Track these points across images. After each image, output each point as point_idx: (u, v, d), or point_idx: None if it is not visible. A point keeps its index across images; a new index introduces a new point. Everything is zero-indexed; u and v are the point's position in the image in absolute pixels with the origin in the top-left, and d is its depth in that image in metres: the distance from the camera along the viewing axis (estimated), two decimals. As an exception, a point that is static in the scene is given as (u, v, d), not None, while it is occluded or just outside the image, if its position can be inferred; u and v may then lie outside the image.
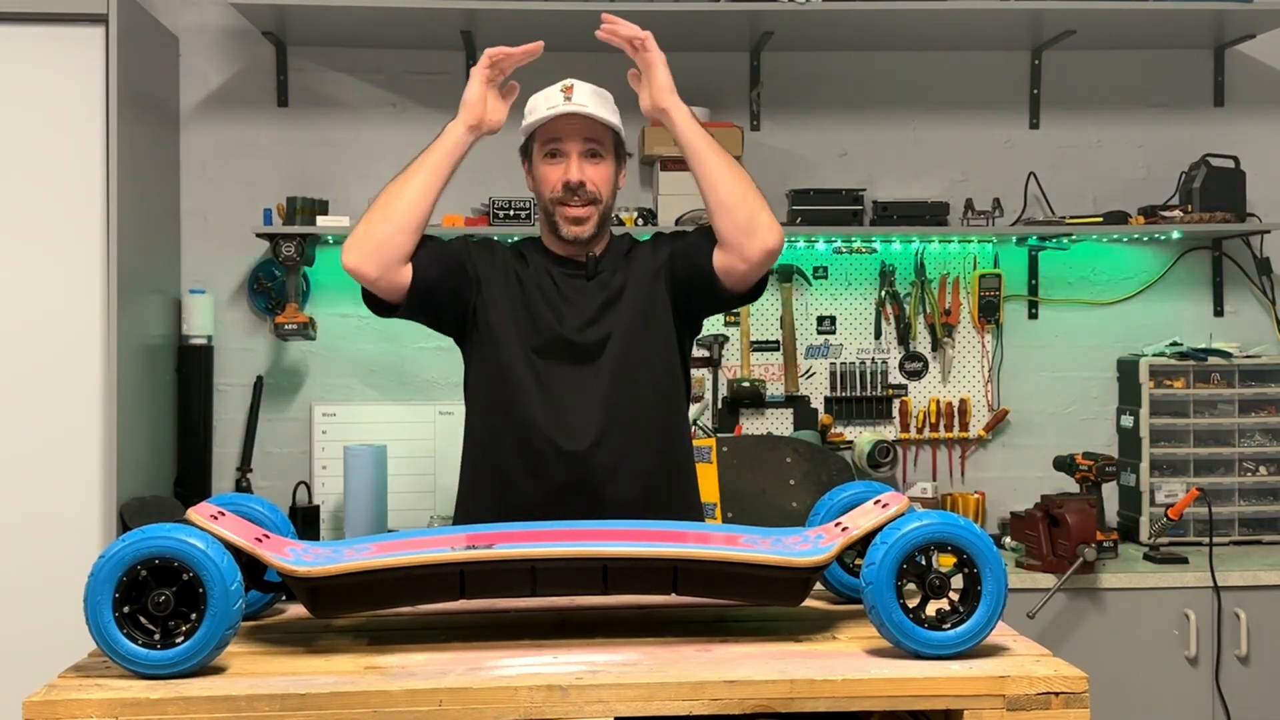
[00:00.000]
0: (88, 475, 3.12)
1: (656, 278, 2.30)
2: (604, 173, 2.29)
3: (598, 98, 2.28)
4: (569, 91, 2.26)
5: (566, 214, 2.26)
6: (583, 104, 2.24)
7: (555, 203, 2.27)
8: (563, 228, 2.27)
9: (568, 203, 2.26)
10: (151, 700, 1.37)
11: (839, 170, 3.85)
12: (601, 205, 2.28)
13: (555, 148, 2.27)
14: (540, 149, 2.30)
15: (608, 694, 1.40)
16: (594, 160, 2.28)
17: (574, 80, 2.28)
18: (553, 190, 2.27)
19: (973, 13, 3.53)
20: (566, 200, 2.26)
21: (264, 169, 3.74)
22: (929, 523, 1.51)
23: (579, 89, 2.27)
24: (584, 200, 2.26)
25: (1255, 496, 3.69)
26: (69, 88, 3.15)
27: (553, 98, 2.27)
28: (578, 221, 2.26)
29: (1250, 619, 3.22)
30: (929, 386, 3.85)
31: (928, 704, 1.44)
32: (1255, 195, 3.77)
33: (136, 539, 1.45)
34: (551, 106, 2.25)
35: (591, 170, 2.27)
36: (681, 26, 3.55)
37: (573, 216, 2.26)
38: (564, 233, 2.27)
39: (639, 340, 2.26)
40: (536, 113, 2.28)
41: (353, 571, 1.56)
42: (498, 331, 2.25)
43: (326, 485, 3.69)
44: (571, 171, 2.25)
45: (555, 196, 2.27)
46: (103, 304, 3.14)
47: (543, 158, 2.29)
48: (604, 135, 2.29)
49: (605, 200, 2.29)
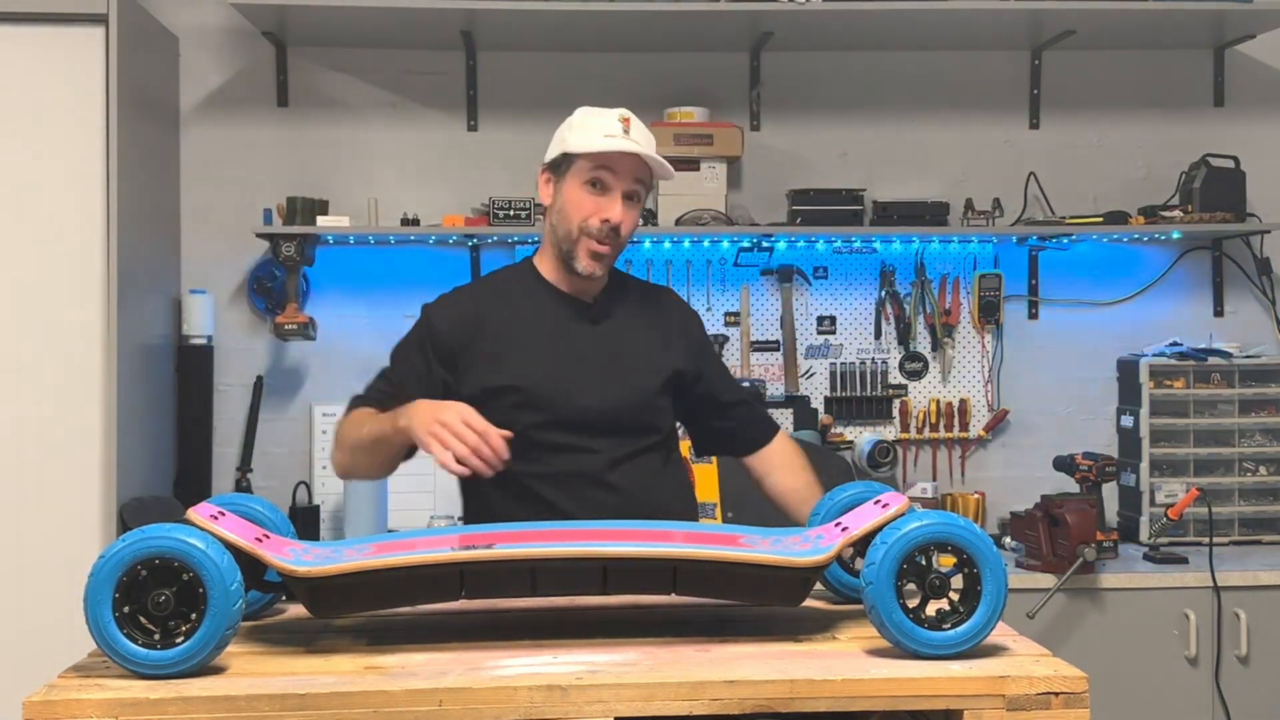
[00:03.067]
0: (88, 475, 3.12)
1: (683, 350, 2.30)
2: (635, 220, 2.22)
3: (649, 139, 2.20)
4: (626, 124, 2.16)
5: (592, 249, 2.17)
6: (638, 143, 2.15)
7: (584, 233, 2.17)
8: (581, 262, 2.18)
9: (598, 239, 2.17)
10: (151, 700, 1.37)
11: (839, 170, 3.85)
12: (619, 249, 2.22)
13: (602, 178, 2.16)
14: (581, 172, 2.17)
15: (608, 694, 1.40)
16: (631, 204, 2.19)
17: (630, 113, 2.19)
18: (586, 220, 2.16)
19: (973, 13, 3.53)
20: (597, 237, 2.17)
21: (264, 169, 3.74)
22: (929, 523, 1.51)
23: (636, 125, 2.18)
24: (614, 243, 2.19)
25: (1255, 496, 3.69)
26: (69, 88, 3.15)
27: (609, 125, 2.16)
28: (599, 258, 2.18)
29: (1250, 619, 3.22)
30: (929, 386, 3.85)
31: (928, 704, 1.44)
32: (1255, 195, 3.77)
33: (136, 539, 1.45)
34: (609, 135, 2.14)
35: (628, 213, 2.19)
36: (681, 26, 3.56)
37: (597, 254, 2.18)
38: (581, 267, 2.19)
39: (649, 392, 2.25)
40: (587, 135, 2.16)
41: (353, 571, 1.56)
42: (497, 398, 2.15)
43: (326, 485, 3.69)
44: (615, 212, 2.16)
45: (586, 228, 2.17)
46: (103, 304, 3.14)
47: (584, 183, 2.17)
48: (648, 178, 2.22)
49: (624, 246, 2.24)
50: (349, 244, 3.74)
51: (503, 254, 3.76)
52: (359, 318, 3.73)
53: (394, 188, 3.74)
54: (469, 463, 1.92)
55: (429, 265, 3.75)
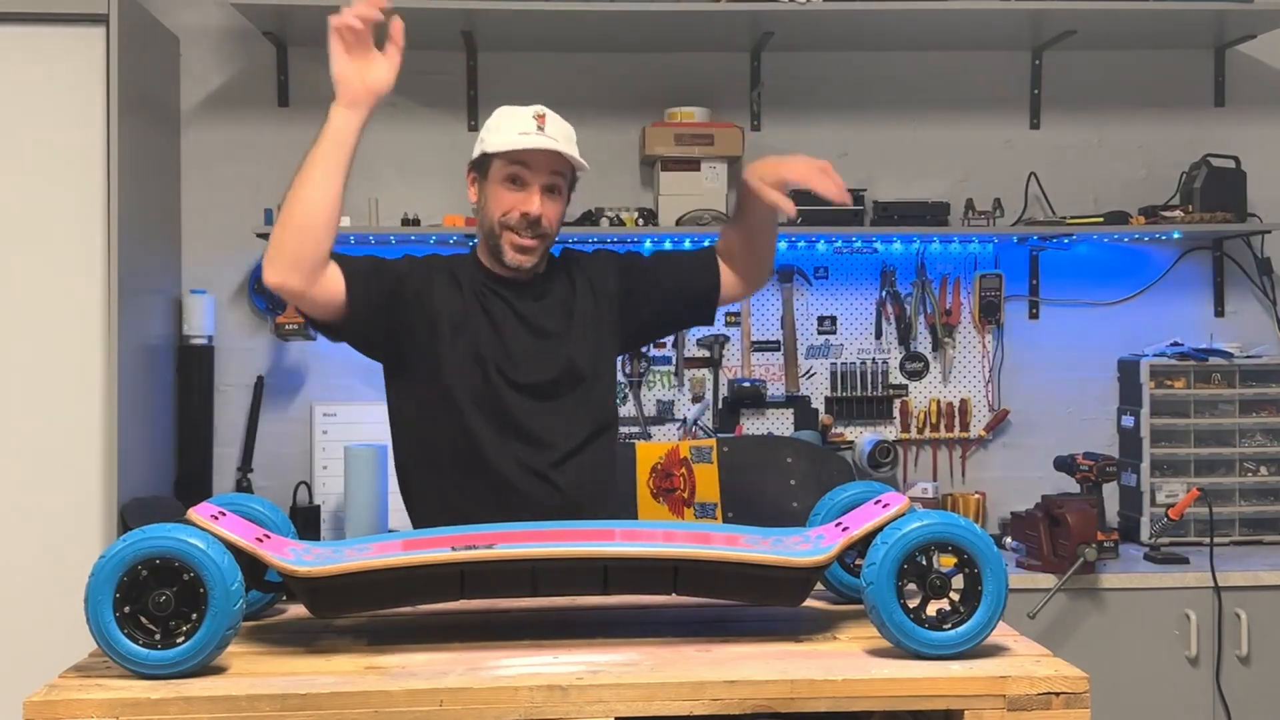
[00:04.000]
0: (88, 475, 3.12)
1: (610, 300, 2.35)
2: (558, 210, 2.29)
3: (566, 134, 2.28)
4: (541, 120, 2.24)
5: (515, 242, 2.25)
6: (554, 139, 2.23)
7: (504, 227, 2.25)
8: (507, 254, 2.26)
9: (519, 232, 2.24)
10: (152, 700, 1.37)
11: (840, 170, 3.79)
12: (548, 240, 2.29)
13: (518, 174, 2.24)
14: (500, 171, 2.26)
15: (608, 694, 1.40)
16: (552, 196, 2.27)
17: (546, 109, 2.27)
18: (505, 215, 2.25)
19: (973, 13, 3.53)
20: (518, 230, 2.24)
21: (264, 169, 3.73)
22: (930, 523, 1.51)
23: (551, 121, 2.25)
24: (536, 234, 2.25)
25: (1256, 496, 3.68)
26: (69, 88, 3.15)
27: (523, 123, 2.24)
28: (525, 251, 2.25)
29: (1251, 619, 3.22)
30: (929, 387, 3.85)
31: (928, 704, 1.44)
32: (1256, 195, 3.77)
33: (137, 539, 1.45)
34: (524, 133, 2.23)
35: (549, 206, 2.26)
36: (682, 26, 3.56)
37: (521, 246, 2.25)
38: (508, 260, 2.26)
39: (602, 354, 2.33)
40: (503, 134, 2.24)
41: (353, 571, 1.56)
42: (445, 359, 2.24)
43: (327, 485, 3.69)
44: (534, 205, 2.23)
45: (506, 222, 2.25)
46: (103, 304, 3.14)
47: (501, 180, 2.26)
48: (566, 170, 2.29)
49: (552, 236, 2.29)
50: (349, 244, 3.74)
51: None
52: (359, 318, 3.73)
53: (394, 188, 3.74)
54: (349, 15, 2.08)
55: (429, 265, 3.75)
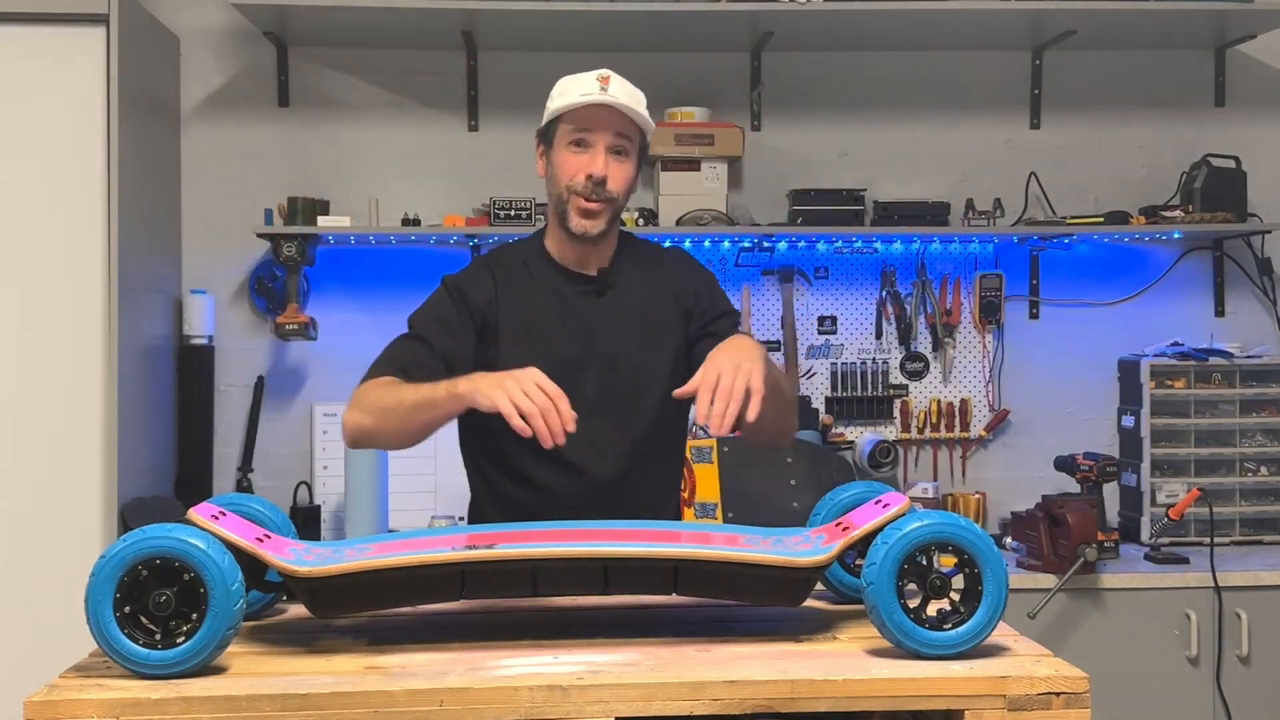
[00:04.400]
0: (88, 475, 3.12)
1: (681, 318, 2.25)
2: (626, 172, 2.19)
3: (632, 95, 2.18)
4: (605, 82, 2.14)
5: (580, 206, 2.16)
6: (617, 97, 2.14)
7: (571, 192, 2.16)
8: (573, 220, 2.17)
9: (585, 195, 2.15)
10: (152, 700, 1.37)
11: (840, 170, 3.85)
12: (616, 205, 2.19)
13: (583, 137, 2.16)
14: (565, 135, 2.17)
15: (608, 694, 1.40)
16: (619, 158, 2.17)
17: (610, 71, 2.17)
18: (571, 179, 2.16)
19: (973, 13, 3.53)
20: (584, 193, 2.15)
21: (265, 169, 3.74)
22: (930, 523, 1.51)
23: (615, 81, 2.16)
24: (601, 197, 2.16)
25: (1256, 497, 3.68)
26: (69, 88, 3.15)
27: (587, 85, 2.15)
28: (590, 216, 2.16)
29: (1251, 619, 3.22)
30: (930, 387, 3.85)
31: (928, 704, 1.44)
32: (1256, 195, 3.77)
33: (137, 539, 1.44)
34: (585, 94, 2.13)
35: (615, 168, 2.16)
36: (682, 26, 3.56)
37: (586, 210, 2.16)
38: (573, 226, 2.17)
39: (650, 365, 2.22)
40: (567, 96, 2.15)
41: (353, 571, 1.56)
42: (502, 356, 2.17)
43: (327, 485, 3.69)
44: (597, 165, 2.14)
45: (573, 186, 2.16)
46: (103, 304, 3.14)
47: (566, 145, 2.17)
48: (633, 133, 2.19)
49: (620, 201, 2.20)
50: (350, 244, 3.74)
51: (503, 254, 3.76)
52: (360, 318, 3.73)
53: (394, 188, 3.74)
54: (533, 422, 1.84)
55: (429, 265, 3.75)
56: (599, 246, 2.23)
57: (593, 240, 2.19)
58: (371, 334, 3.70)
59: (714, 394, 1.85)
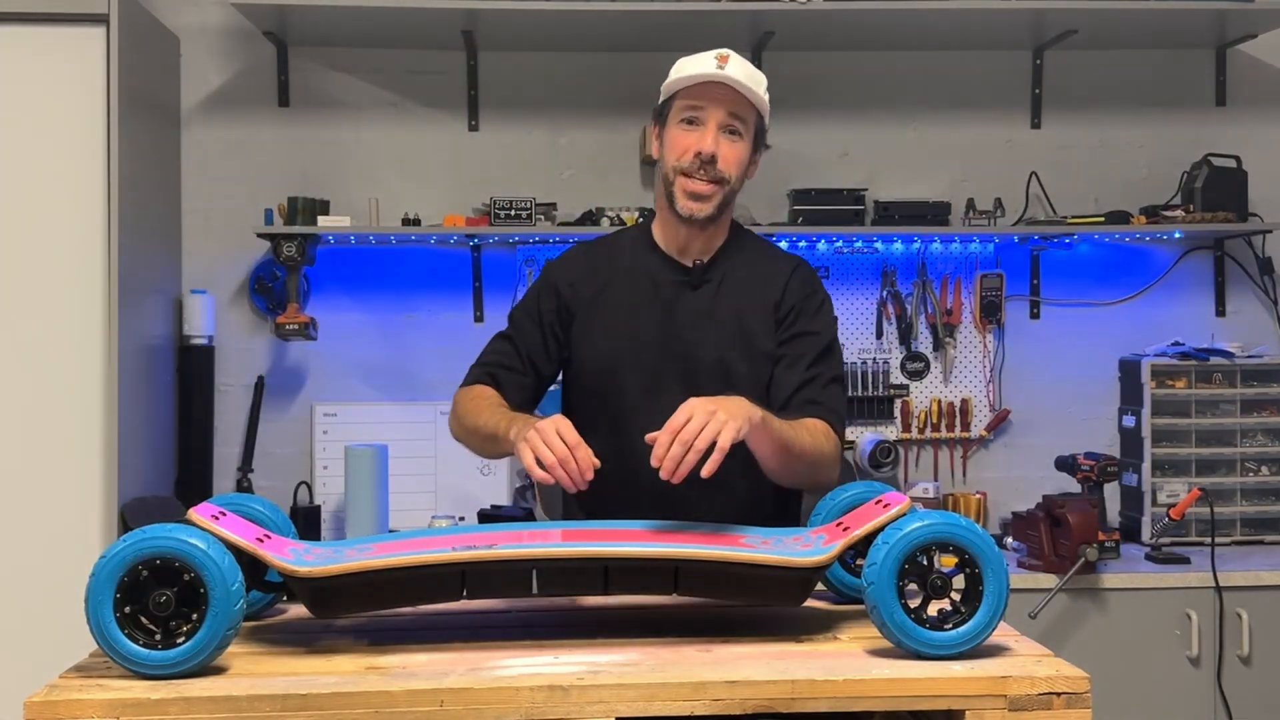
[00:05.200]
0: (88, 475, 3.12)
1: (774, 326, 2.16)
2: (738, 153, 2.11)
3: (751, 74, 2.12)
4: (723, 61, 2.08)
5: (688, 187, 2.09)
6: (734, 76, 2.07)
7: (679, 172, 2.10)
8: (680, 201, 2.10)
9: (693, 174, 2.09)
10: (153, 700, 1.37)
11: (840, 170, 3.85)
12: (727, 188, 2.11)
13: (695, 115, 2.10)
14: (678, 112, 2.12)
15: (609, 694, 1.40)
16: (732, 138, 2.10)
17: (730, 51, 2.11)
18: (680, 157, 2.10)
19: (974, 12, 3.53)
20: (692, 172, 2.09)
21: (265, 169, 3.74)
22: (930, 523, 1.51)
23: (735, 61, 2.10)
24: (710, 177, 2.09)
25: (1257, 496, 3.68)
26: (69, 88, 3.15)
27: (704, 63, 2.10)
28: (698, 198, 2.09)
29: (1252, 619, 3.22)
30: (930, 386, 3.85)
31: (929, 704, 1.44)
32: (1257, 195, 3.77)
33: (138, 539, 1.44)
34: (702, 70, 2.09)
35: (727, 147, 2.09)
36: (682, 26, 3.55)
37: (694, 191, 2.09)
38: (680, 207, 2.11)
39: (737, 366, 2.14)
40: (683, 73, 2.12)
41: (354, 572, 1.56)
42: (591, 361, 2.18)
43: (327, 485, 3.69)
44: (707, 142, 2.08)
45: (681, 165, 2.10)
46: (103, 304, 3.14)
47: (679, 122, 2.12)
48: (748, 114, 2.13)
49: (733, 183, 2.12)
50: (350, 244, 3.74)
51: (504, 254, 3.76)
52: (360, 318, 3.73)
53: (395, 188, 3.74)
54: (554, 472, 1.82)
55: (430, 265, 3.76)
56: (707, 232, 2.17)
57: (700, 224, 2.13)
58: (371, 333, 3.75)
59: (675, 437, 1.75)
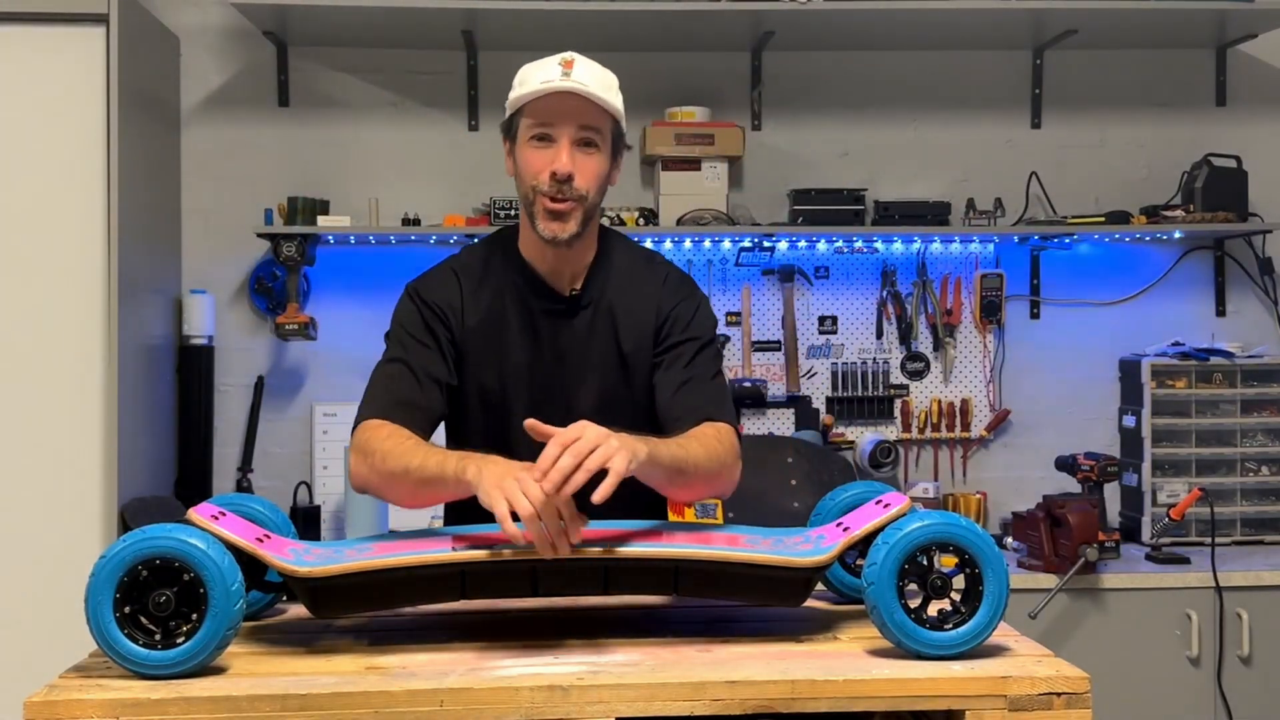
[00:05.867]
0: (88, 475, 3.12)
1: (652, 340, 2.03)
2: (596, 167, 1.96)
3: (600, 78, 1.96)
4: (568, 66, 1.93)
5: (547, 207, 1.95)
6: (582, 82, 1.92)
7: (536, 193, 1.96)
8: (540, 224, 1.96)
9: (551, 195, 1.94)
10: (152, 700, 1.37)
11: (840, 170, 3.85)
12: (587, 203, 1.97)
13: (545, 131, 1.94)
14: (527, 129, 1.96)
15: (609, 694, 1.40)
16: (587, 150, 1.95)
17: (575, 54, 1.96)
18: (535, 178, 1.95)
19: (974, 12, 3.53)
20: (550, 193, 1.94)
21: (265, 169, 3.74)
22: (930, 523, 1.51)
23: (580, 65, 1.94)
24: (569, 196, 1.94)
25: (1257, 496, 3.68)
26: (69, 88, 3.15)
27: (548, 70, 1.93)
28: (558, 218, 1.95)
29: (1252, 619, 3.22)
30: (930, 386, 3.85)
31: (929, 704, 1.44)
32: (1257, 195, 3.77)
33: (137, 539, 1.44)
34: (545, 81, 1.92)
35: (583, 162, 1.95)
36: (682, 26, 3.56)
37: (554, 211, 1.95)
38: (541, 230, 1.96)
39: (621, 391, 2.03)
40: (527, 85, 1.94)
41: (354, 572, 1.56)
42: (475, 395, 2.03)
43: (327, 485, 3.69)
44: (560, 161, 1.93)
45: (537, 186, 1.95)
46: (103, 304, 3.14)
47: (529, 140, 1.96)
48: (603, 122, 1.97)
49: (592, 198, 1.97)
50: (350, 244, 3.74)
51: (504, 254, 3.76)
52: (360, 318, 3.73)
53: (395, 188, 3.74)
54: (529, 526, 1.57)
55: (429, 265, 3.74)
56: (574, 250, 2.02)
57: (565, 243, 1.98)
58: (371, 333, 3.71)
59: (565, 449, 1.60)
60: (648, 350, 2.04)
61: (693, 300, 2.08)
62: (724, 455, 1.90)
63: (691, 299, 2.08)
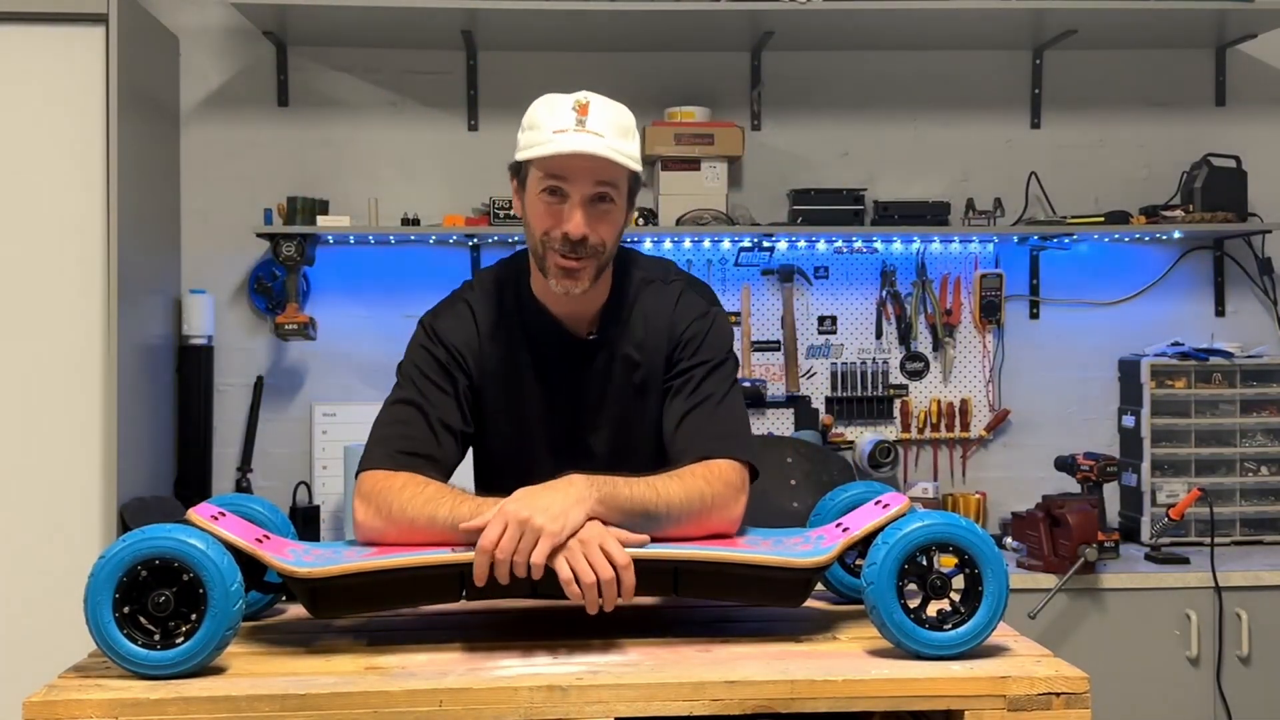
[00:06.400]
0: (88, 475, 3.12)
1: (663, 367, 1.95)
2: (611, 225, 1.85)
3: (618, 125, 1.83)
4: (583, 112, 1.81)
5: (559, 264, 1.84)
6: (599, 133, 1.79)
7: (547, 247, 1.85)
8: (553, 279, 1.86)
9: (561, 253, 1.84)
10: (152, 701, 1.37)
11: (840, 170, 3.85)
12: (602, 257, 1.87)
13: (557, 185, 1.82)
14: (538, 180, 1.84)
15: (608, 694, 1.40)
16: (600, 207, 1.84)
17: (590, 95, 1.84)
18: (546, 233, 1.84)
19: (974, 12, 3.53)
20: (562, 250, 1.83)
21: (264, 169, 3.74)
22: (930, 523, 1.51)
23: (595, 109, 1.81)
24: (583, 255, 1.83)
25: (1257, 496, 3.68)
26: (69, 88, 3.15)
27: (561, 117, 1.81)
28: (570, 275, 1.84)
29: (1252, 619, 3.22)
30: (930, 386, 3.85)
31: (929, 704, 1.44)
32: (1256, 195, 3.77)
33: (137, 539, 1.44)
34: (560, 130, 1.79)
35: (598, 219, 1.83)
36: (682, 26, 3.55)
37: (565, 268, 1.84)
38: (553, 285, 1.86)
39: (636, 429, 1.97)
40: (539, 132, 1.82)
41: (353, 572, 1.56)
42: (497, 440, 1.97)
43: (327, 485, 3.69)
44: (575, 223, 1.81)
45: (550, 242, 1.84)
46: (103, 304, 3.14)
47: (540, 191, 1.84)
48: (619, 175, 1.85)
49: (609, 250, 1.87)
50: (349, 244, 3.74)
51: (503, 254, 3.74)
52: (359, 318, 3.73)
53: (394, 188, 3.74)
54: (588, 594, 1.56)
55: (429, 265, 3.75)
56: (589, 295, 1.92)
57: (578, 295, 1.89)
58: (371, 333, 3.74)
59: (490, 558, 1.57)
60: (661, 376, 1.96)
61: (705, 320, 1.98)
62: (712, 494, 1.79)
63: (704, 318, 1.98)
